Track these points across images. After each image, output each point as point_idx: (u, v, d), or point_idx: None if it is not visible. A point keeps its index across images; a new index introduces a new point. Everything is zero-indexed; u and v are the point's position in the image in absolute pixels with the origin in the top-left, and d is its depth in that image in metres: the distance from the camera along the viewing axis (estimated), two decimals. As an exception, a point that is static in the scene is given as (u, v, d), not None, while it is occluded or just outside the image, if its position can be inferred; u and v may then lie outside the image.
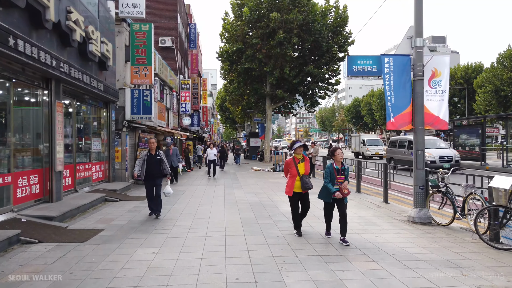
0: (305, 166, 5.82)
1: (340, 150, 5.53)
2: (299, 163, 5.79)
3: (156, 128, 16.65)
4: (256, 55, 25.21)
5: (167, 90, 21.45)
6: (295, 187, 5.76)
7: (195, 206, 8.73)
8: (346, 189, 5.40)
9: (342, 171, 5.50)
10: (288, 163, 5.91)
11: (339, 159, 5.48)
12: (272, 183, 13.74)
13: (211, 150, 16.49)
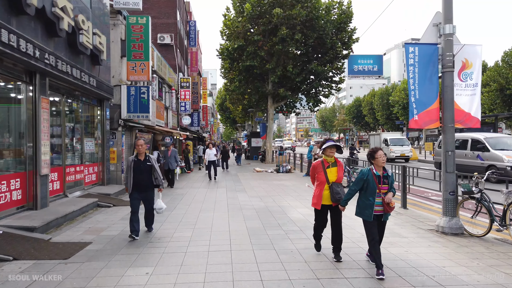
0: (337, 172, 4.63)
1: (382, 152, 4.34)
2: (328, 167, 4.66)
3: (155, 127, 15.86)
4: (257, 52, 24.42)
5: (166, 88, 20.66)
6: (324, 198, 4.62)
7: (195, 212, 7.94)
8: (392, 202, 4.18)
9: (385, 179, 4.26)
10: (315, 167, 4.83)
11: (380, 163, 4.26)
12: (277, 185, 12.95)
13: (210, 150, 15.22)
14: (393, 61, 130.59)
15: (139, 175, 5.81)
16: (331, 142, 4.78)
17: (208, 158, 15.15)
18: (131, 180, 5.81)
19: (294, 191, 11.41)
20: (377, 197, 4.21)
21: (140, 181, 5.83)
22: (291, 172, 18.56)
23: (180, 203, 9.19)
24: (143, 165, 5.88)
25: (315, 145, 15.74)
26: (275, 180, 14.89)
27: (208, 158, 15.15)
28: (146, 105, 12.65)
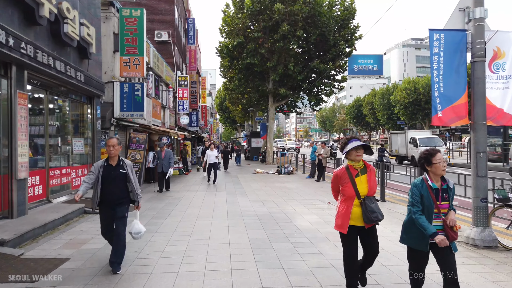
0: (369, 181, 3.46)
1: (441, 154, 3.18)
2: (357, 175, 3.46)
3: (150, 127, 15.10)
4: (258, 49, 23.69)
5: (163, 87, 19.89)
6: (353, 217, 3.43)
7: (191, 219, 7.18)
8: (456, 225, 3.11)
9: (445, 193, 3.17)
10: (339, 177, 3.57)
11: (440, 171, 3.13)
12: (279, 188, 12.19)
13: (211, 151, 13.86)
14: (393, 61, 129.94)
15: (110, 186, 4.38)
16: (356, 142, 3.50)
17: (208, 160, 13.80)
18: (98, 192, 4.38)
19: (298, 194, 10.65)
20: (435, 218, 3.09)
21: (111, 193, 4.39)
22: (293, 173, 17.80)
23: (176, 208, 8.42)
24: (115, 173, 4.40)
25: (319, 145, 14.97)
26: (277, 182, 14.13)
27: (208, 160, 13.80)
28: (141, 103, 11.90)
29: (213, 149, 13.96)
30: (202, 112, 41.94)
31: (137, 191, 4.53)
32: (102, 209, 4.52)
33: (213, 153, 13.82)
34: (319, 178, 14.38)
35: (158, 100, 17.93)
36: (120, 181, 4.44)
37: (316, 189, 11.92)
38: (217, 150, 14.96)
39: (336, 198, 3.75)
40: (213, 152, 13.86)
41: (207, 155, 13.84)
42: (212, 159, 13.78)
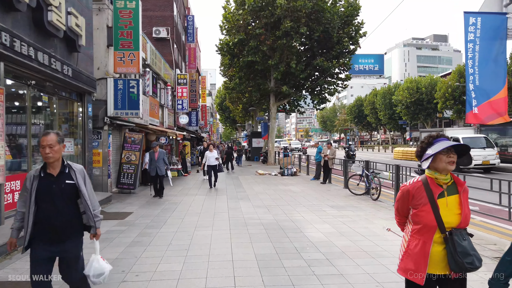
0: (460, 207, 2.30)
1: None
2: (441, 195, 2.32)
3: (148, 126, 14.36)
4: (259, 47, 22.95)
5: (161, 85, 19.15)
6: (432, 261, 2.28)
7: (189, 229, 6.43)
8: None
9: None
10: (410, 194, 2.41)
11: None
12: (283, 191, 11.44)
13: (210, 153, 12.55)
14: (394, 60, 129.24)
15: (49, 207, 2.79)
16: (447, 142, 2.34)
17: (207, 162, 12.51)
18: (30, 219, 2.78)
19: (305, 198, 9.90)
20: None
21: (51, 218, 2.79)
22: (296, 175, 17.06)
23: (172, 216, 7.66)
24: (58, 186, 2.84)
25: (324, 145, 14.22)
26: (280, 184, 13.37)
27: (207, 162, 12.51)
28: (136, 101, 11.15)
29: (212, 150, 12.67)
30: (202, 111, 41.22)
31: (93, 211, 2.96)
32: (36, 245, 2.81)
33: (212, 154, 12.53)
34: (325, 180, 13.64)
35: (156, 99, 17.19)
36: (66, 198, 2.86)
37: (323, 192, 11.16)
38: (217, 151, 13.93)
39: (402, 226, 2.60)
40: (213, 153, 12.57)
41: (206, 157, 12.58)
42: (212, 161, 12.46)
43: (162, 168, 10.29)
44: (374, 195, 9.58)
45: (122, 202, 9.58)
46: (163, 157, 10.34)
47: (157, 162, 10.25)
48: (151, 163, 10.26)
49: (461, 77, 50.56)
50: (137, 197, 10.35)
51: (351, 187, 10.77)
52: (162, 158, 10.32)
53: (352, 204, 8.94)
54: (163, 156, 10.36)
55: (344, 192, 11.19)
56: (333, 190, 11.73)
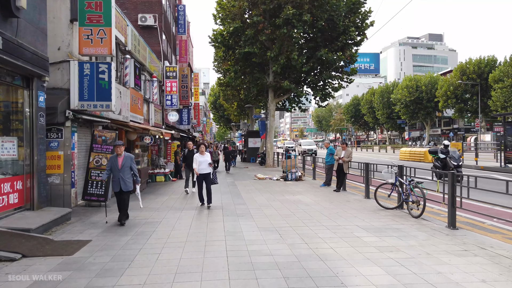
0: None
1: None
2: None
3: (128, 123, 12.05)
4: (257, 36, 20.71)
5: (146, 76, 16.81)
6: None
7: (166, 279, 4.14)
8: None
9: None
10: None
11: None
12: (292, 203, 9.21)
13: (201, 156, 8.86)
14: (390, 59, 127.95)
15: None
16: None
17: (198, 169, 8.78)
18: None
19: (323, 214, 7.68)
20: None
21: None
22: (301, 180, 14.84)
23: (144, 249, 5.32)
24: None
25: (338, 146, 12.03)
26: (286, 193, 11.14)
27: (198, 169, 8.78)
28: (107, 90, 8.82)
29: (204, 153, 8.97)
30: (195, 110, 38.85)
31: None
32: None
33: (204, 158, 8.86)
34: (339, 187, 11.43)
35: (139, 92, 14.86)
36: None
37: (342, 204, 8.95)
38: (211, 154, 11.17)
39: None
40: (204, 156, 8.90)
41: (196, 161, 8.82)
42: (204, 167, 8.78)
43: (128, 181, 6.99)
44: (414, 211, 7.39)
45: (84, 222, 7.24)
46: (130, 164, 7.07)
47: (121, 171, 6.91)
48: (114, 173, 7.11)
49: (463, 74, 48.84)
50: (108, 213, 8.03)
51: (379, 198, 8.56)
52: (129, 165, 7.05)
53: (390, 224, 6.73)
54: (130, 163, 7.07)
55: (369, 204, 8.99)
56: (353, 201, 9.52)
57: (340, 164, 11.37)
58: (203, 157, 8.92)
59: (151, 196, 10.74)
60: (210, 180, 8.97)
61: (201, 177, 8.93)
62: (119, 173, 6.94)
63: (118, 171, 6.94)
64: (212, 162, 9.12)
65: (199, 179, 9.01)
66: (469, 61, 49.79)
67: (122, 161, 6.99)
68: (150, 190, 12.32)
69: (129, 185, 7.02)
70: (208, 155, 9.02)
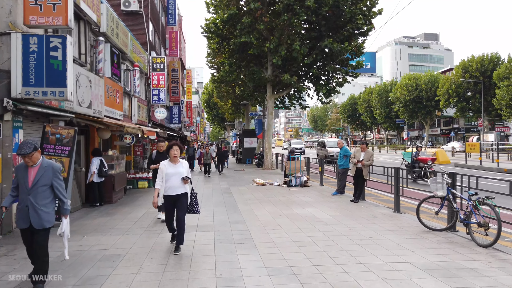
0: None
1: None
2: None
3: (102, 119, 9.88)
4: (255, 25, 18.63)
5: (128, 66, 14.62)
6: None
7: None
8: None
9: None
10: None
11: None
12: (305, 219, 7.12)
13: (170, 166, 5.25)
14: (386, 59, 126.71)
15: None
16: None
17: (165, 188, 5.19)
18: None
19: (352, 240, 5.60)
20: None
21: None
22: (307, 185, 12.76)
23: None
24: None
25: (357, 147, 9.98)
26: (293, 203, 9.03)
27: (165, 188, 5.19)
28: (61, 73, 6.64)
29: (176, 160, 5.30)
30: (187, 108, 36.66)
31: None
32: None
33: (175, 169, 5.25)
34: (358, 197, 9.36)
35: (118, 83, 12.67)
36: None
37: (370, 222, 6.89)
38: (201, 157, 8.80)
39: None
40: (176, 166, 5.27)
41: (161, 175, 5.19)
42: (174, 184, 5.19)
43: (44, 211, 3.93)
44: (481, 237, 5.33)
45: (7, 255, 5.07)
46: (51, 181, 4.00)
47: (32, 193, 3.90)
48: (20, 196, 4.00)
49: (465, 72, 47.18)
50: (57, 240, 5.88)
51: (423, 215, 6.48)
52: (49, 183, 4.00)
53: (457, 260, 4.65)
54: (51, 179, 4.00)
55: (404, 221, 6.93)
56: (381, 216, 7.45)
57: (359, 169, 9.31)
58: (175, 167, 5.20)
59: (125, 210, 8.57)
60: (184, 206, 5.20)
61: (170, 201, 5.17)
62: (29, 196, 3.89)
63: (27, 192, 3.91)
64: (188, 177, 5.25)
65: (167, 204, 5.25)
66: (471, 58, 48.13)
67: (34, 175, 3.91)
68: (127, 200, 10.15)
69: (46, 217, 3.93)
70: (183, 165, 5.31)
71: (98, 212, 8.24)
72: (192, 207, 5.44)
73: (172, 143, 5.32)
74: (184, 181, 5.22)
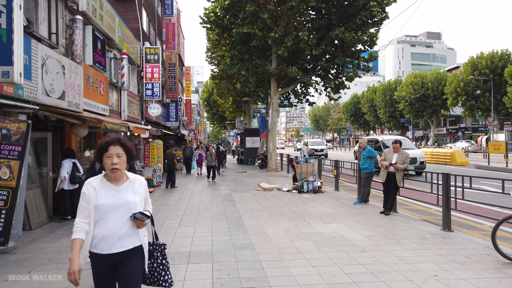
0: None
1: None
2: None
3: (81, 114, 8.18)
4: (258, 14, 16.93)
5: (116, 54, 12.88)
6: None
7: None
8: None
9: None
10: None
11: None
12: (333, 243, 5.42)
13: (103, 186, 2.45)
14: (388, 58, 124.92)
15: None
16: None
17: (98, 238, 2.40)
18: None
19: (413, 282, 3.87)
20: None
21: None
22: (321, 191, 11.02)
23: None
24: None
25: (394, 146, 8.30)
26: (311, 216, 7.30)
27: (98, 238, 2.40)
28: (4, 46, 4.91)
29: (117, 173, 2.46)
30: (186, 106, 34.88)
31: None
32: None
33: (116, 194, 2.46)
34: (389, 208, 7.62)
35: (102, 73, 10.92)
36: None
37: (419, 246, 5.18)
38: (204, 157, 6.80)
39: None
40: (122, 187, 2.49)
41: (85, 201, 2.41)
42: (115, 227, 2.41)
43: None
44: None
45: None
46: None
47: None
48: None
49: (474, 69, 45.43)
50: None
51: (501, 241, 4.76)
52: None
53: None
54: None
55: (465, 245, 5.21)
56: (430, 237, 5.72)
57: (391, 174, 7.57)
58: (116, 191, 2.47)
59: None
60: (136, 278, 2.48)
61: (107, 265, 2.44)
62: None
63: None
64: (145, 214, 2.46)
65: (101, 272, 2.47)
66: (480, 55, 46.36)
67: None
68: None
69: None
70: (135, 186, 2.54)
71: (66, 230, 6.50)
72: (155, 278, 2.65)
73: (108, 139, 2.48)
74: (138, 223, 2.44)
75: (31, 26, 6.75)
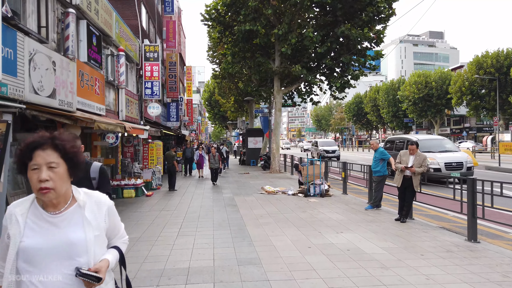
0: None
1: None
2: None
3: (74, 113, 7.64)
4: (261, 10, 16.38)
5: (113, 51, 12.33)
6: None
7: None
8: None
9: None
10: None
11: None
12: (349, 257, 4.85)
13: (35, 216, 1.52)
14: (391, 57, 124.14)
15: None
16: None
17: None
18: None
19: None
20: None
21: None
22: (328, 194, 10.44)
23: None
24: None
25: (409, 147, 7.73)
26: (320, 224, 6.73)
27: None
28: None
29: (46, 195, 1.47)
30: (187, 106, 34.35)
31: None
32: None
33: (54, 231, 1.50)
34: (405, 215, 7.04)
35: (98, 71, 10.37)
36: None
37: (448, 260, 4.62)
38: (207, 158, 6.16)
39: None
40: (63, 216, 1.52)
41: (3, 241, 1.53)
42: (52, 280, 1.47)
43: None
44: None
45: None
46: None
47: None
48: None
49: (480, 68, 44.73)
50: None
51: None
52: None
53: None
54: None
55: (499, 260, 4.62)
56: (456, 250, 5.15)
57: (407, 178, 6.99)
58: (51, 225, 1.51)
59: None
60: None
61: None
62: None
63: None
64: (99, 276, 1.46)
65: None
66: (486, 54, 45.67)
67: None
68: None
69: None
70: (85, 214, 1.55)
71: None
72: None
73: (32, 139, 1.50)
74: (87, 285, 1.47)
75: (15, 18, 6.19)
